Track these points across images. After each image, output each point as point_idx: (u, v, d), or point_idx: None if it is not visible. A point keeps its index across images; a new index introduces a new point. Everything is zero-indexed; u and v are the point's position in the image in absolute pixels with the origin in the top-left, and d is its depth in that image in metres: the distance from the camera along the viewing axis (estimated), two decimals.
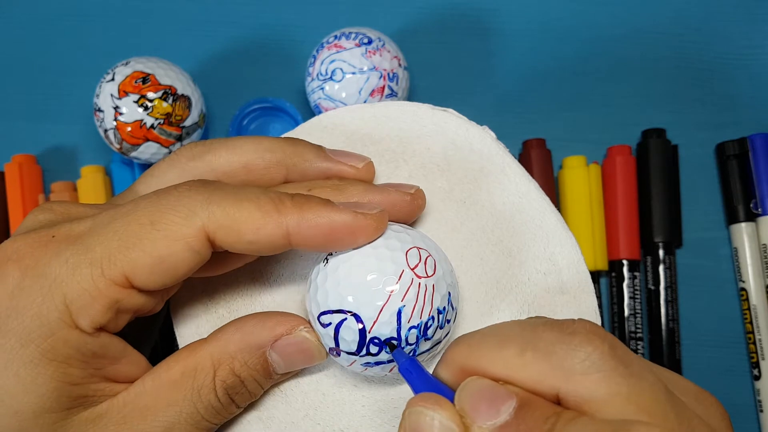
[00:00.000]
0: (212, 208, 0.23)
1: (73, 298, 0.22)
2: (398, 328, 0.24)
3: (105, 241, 0.23)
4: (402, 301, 0.24)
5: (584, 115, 0.43)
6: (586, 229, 0.40)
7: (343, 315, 0.24)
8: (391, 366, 0.25)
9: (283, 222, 0.23)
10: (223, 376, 0.25)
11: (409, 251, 0.24)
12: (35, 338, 0.22)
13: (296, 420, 0.27)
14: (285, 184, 0.27)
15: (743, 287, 0.40)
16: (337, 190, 0.26)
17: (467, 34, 0.44)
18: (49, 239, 0.23)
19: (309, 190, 0.26)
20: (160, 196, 0.24)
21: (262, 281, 0.29)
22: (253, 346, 0.25)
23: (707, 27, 0.44)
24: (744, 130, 0.42)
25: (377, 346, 0.24)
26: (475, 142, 0.30)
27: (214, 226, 0.23)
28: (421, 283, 0.24)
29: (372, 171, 0.28)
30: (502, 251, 0.29)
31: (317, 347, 0.26)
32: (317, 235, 0.24)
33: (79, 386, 0.24)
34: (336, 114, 0.31)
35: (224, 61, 0.44)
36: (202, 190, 0.24)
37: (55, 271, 0.23)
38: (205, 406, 0.25)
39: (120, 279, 0.23)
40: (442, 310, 0.24)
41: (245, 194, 0.24)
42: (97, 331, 0.23)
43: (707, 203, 0.42)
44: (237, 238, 0.23)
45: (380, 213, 0.25)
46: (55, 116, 0.43)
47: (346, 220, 0.24)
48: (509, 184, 0.29)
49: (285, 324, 0.25)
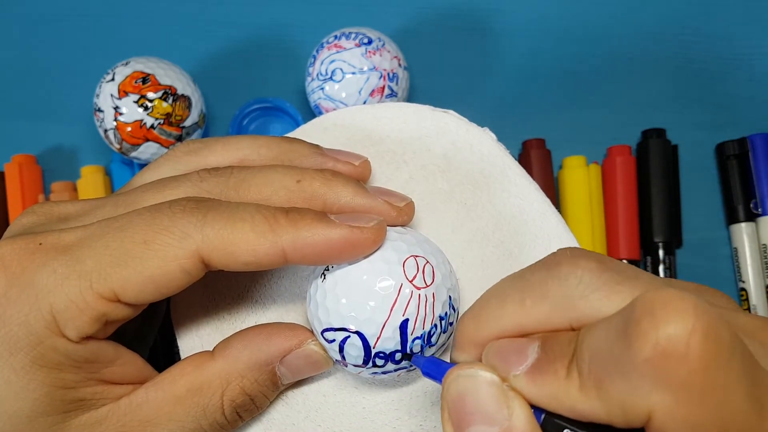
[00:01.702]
0: (206, 231, 0.23)
1: (60, 309, 0.22)
2: (403, 341, 0.24)
3: (96, 256, 0.23)
4: (403, 316, 0.23)
5: (584, 115, 0.43)
6: (586, 230, 0.40)
7: (346, 333, 0.24)
8: (399, 372, 0.25)
9: (279, 241, 0.23)
10: (233, 396, 0.25)
11: (406, 262, 0.24)
12: (23, 346, 0.22)
13: (297, 421, 0.27)
14: (274, 166, 0.26)
15: (743, 287, 0.40)
16: (326, 185, 0.25)
17: (467, 34, 0.44)
18: (36, 247, 0.23)
19: (298, 181, 0.25)
20: (154, 214, 0.23)
21: (263, 283, 0.29)
22: (263, 363, 0.25)
23: (707, 27, 0.44)
24: (744, 130, 0.42)
25: (383, 359, 0.24)
26: (476, 143, 0.30)
27: (208, 249, 0.23)
28: (420, 294, 0.24)
29: (368, 170, 0.28)
30: (503, 253, 0.29)
31: (324, 358, 0.26)
32: (313, 253, 0.23)
33: (73, 390, 0.23)
34: (336, 115, 0.31)
35: (224, 61, 0.44)
36: (196, 211, 0.23)
37: (42, 280, 0.22)
38: (210, 424, 0.25)
39: (108, 294, 0.22)
40: (444, 316, 0.24)
41: (240, 214, 0.23)
42: (84, 339, 0.23)
43: (707, 203, 0.42)
44: (232, 260, 0.23)
45: (377, 225, 0.24)
46: (55, 116, 0.43)
47: (343, 235, 0.23)
48: (510, 186, 0.29)
49: (293, 338, 0.25)
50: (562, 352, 0.18)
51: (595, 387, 0.17)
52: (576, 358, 0.18)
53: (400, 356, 0.24)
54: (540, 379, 0.18)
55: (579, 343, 0.18)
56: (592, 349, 0.17)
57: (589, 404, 0.17)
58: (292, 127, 0.42)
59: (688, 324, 0.15)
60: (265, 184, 0.25)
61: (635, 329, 0.16)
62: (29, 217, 0.26)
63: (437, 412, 0.27)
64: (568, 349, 0.18)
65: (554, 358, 0.18)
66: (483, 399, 0.19)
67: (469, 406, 0.19)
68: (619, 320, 0.17)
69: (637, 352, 0.16)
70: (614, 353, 0.16)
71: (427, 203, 0.29)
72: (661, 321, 0.15)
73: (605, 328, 0.17)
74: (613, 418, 0.17)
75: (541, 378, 0.18)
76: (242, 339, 0.25)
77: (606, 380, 0.17)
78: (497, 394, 0.19)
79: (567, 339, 0.18)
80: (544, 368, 0.18)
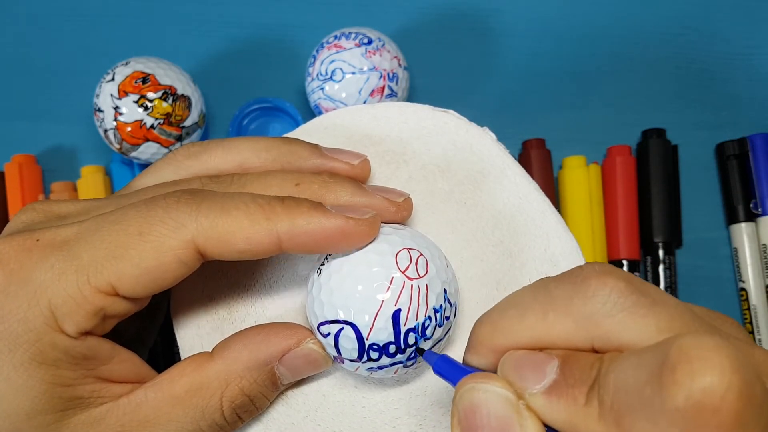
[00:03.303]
0: (200, 220, 0.23)
1: (58, 304, 0.22)
2: (396, 333, 0.24)
3: (91, 249, 0.23)
4: (395, 306, 0.23)
5: (584, 115, 0.43)
6: (585, 230, 0.40)
7: (339, 325, 0.24)
8: (396, 368, 0.25)
9: (274, 229, 0.23)
10: (232, 396, 0.25)
11: (399, 254, 0.24)
12: (23, 343, 0.22)
13: (296, 421, 0.27)
14: (273, 172, 0.27)
15: (743, 287, 0.40)
16: (324, 187, 0.26)
17: (467, 34, 0.44)
18: (34, 243, 0.23)
19: (297, 185, 0.26)
20: (148, 206, 0.23)
21: (263, 282, 0.29)
22: (262, 363, 0.25)
23: (707, 27, 0.44)
24: (744, 130, 0.42)
25: (377, 352, 0.24)
26: (476, 143, 0.30)
27: (203, 238, 0.23)
28: (413, 285, 0.24)
29: (367, 169, 0.28)
30: (503, 252, 0.29)
31: (323, 357, 0.26)
32: (309, 241, 0.24)
33: (72, 387, 0.23)
34: (336, 115, 0.31)
35: (224, 61, 0.44)
36: (191, 201, 0.23)
37: (40, 276, 0.23)
38: (209, 424, 0.25)
39: (106, 287, 0.23)
40: (438, 309, 0.24)
41: (234, 202, 0.23)
42: (83, 335, 0.23)
43: (707, 203, 0.42)
44: (228, 249, 0.23)
45: (372, 218, 0.24)
46: (55, 116, 0.43)
47: (338, 225, 0.24)
48: (509, 186, 0.29)
49: (292, 338, 0.25)
50: (582, 378, 0.18)
51: (615, 422, 0.17)
52: (598, 387, 0.17)
53: (395, 348, 0.24)
54: (557, 402, 0.18)
55: (603, 373, 0.17)
56: (618, 383, 0.17)
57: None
58: (292, 127, 0.42)
59: (725, 379, 0.15)
60: (264, 188, 0.25)
61: (670, 376, 0.15)
62: (29, 214, 0.26)
63: (437, 411, 0.27)
64: (590, 375, 0.18)
65: (574, 382, 0.18)
66: (496, 415, 0.18)
67: (482, 420, 0.18)
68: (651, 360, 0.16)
69: (668, 400, 0.15)
70: (643, 394, 0.16)
71: (426, 203, 0.29)
72: (698, 372, 0.15)
73: (635, 365, 0.17)
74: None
75: (559, 401, 0.18)
76: (241, 339, 0.25)
77: (628, 418, 0.16)
78: (511, 411, 0.18)
79: (589, 363, 0.18)
80: (562, 391, 0.18)
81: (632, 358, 0.17)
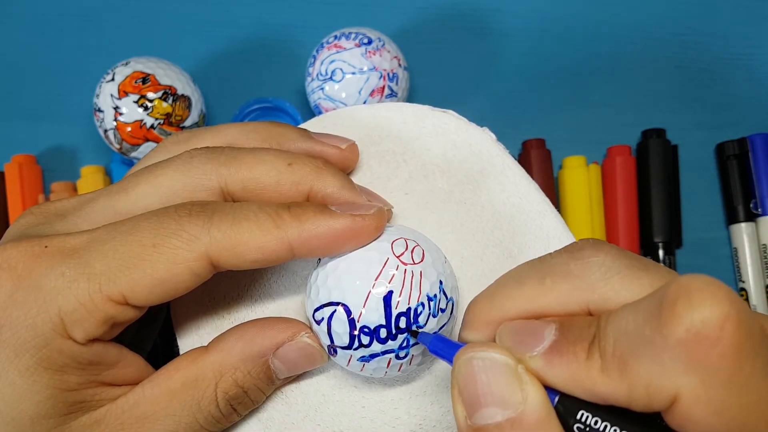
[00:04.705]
0: (213, 232, 0.23)
1: (68, 311, 0.22)
2: (387, 314, 0.24)
3: (104, 259, 0.23)
4: (387, 286, 0.24)
5: (584, 115, 0.43)
6: (585, 230, 0.40)
7: (333, 307, 0.24)
8: (388, 358, 0.25)
9: (285, 236, 0.23)
10: (226, 387, 0.25)
11: (395, 241, 0.25)
12: (29, 348, 0.22)
13: (296, 421, 0.27)
14: (265, 149, 0.27)
15: (743, 287, 0.40)
16: (316, 173, 0.26)
17: (467, 34, 0.44)
18: (42, 250, 0.23)
19: (289, 164, 0.26)
20: (160, 218, 0.23)
21: (263, 282, 0.29)
22: (256, 355, 0.25)
23: (707, 27, 0.44)
24: (744, 130, 0.42)
25: (368, 336, 0.24)
26: (475, 143, 0.30)
27: (216, 250, 0.23)
28: (407, 269, 0.24)
29: (356, 152, 0.28)
30: (503, 252, 0.29)
31: (319, 351, 0.26)
32: (320, 244, 0.24)
33: (76, 392, 0.23)
34: (336, 115, 0.31)
35: (224, 61, 0.44)
36: (202, 213, 0.23)
37: (50, 283, 0.22)
38: (205, 417, 0.25)
39: (117, 297, 0.23)
40: (432, 297, 0.24)
41: (244, 213, 0.24)
42: (90, 341, 0.23)
43: (707, 203, 0.42)
44: (241, 259, 0.23)
45: (377, 212, 0.25)
46: (55, 116, 0.43)
47: (346, 224, 0.24)
48: (509, 186, 0.29)
49: (286, 331, 0.25)
50: (582, 335, 0.18)
51: (619, 369, 0.17)
52: (598, 340, 0.17)
53: (386, 333, 0.24)
54: (558, 361, 0.18)
55: (602, 326, 0.18)
56: (618, 330, 0.17)
57: (611, 386, 0.17)
58: None
59: (723, 309, 0.15)
60: (257, 162, 0.25)
61: (669, 311, 0.16)
62: (28, 218, 0.26)
63: (437, 411, 0.27)
64: (588, 332, 0.18)
65: (574, 340, 0.18)
66: (497, 381, 0.18)
67: (483, 388, 0.18)
68: (650, 303, 0.17)
69: (669, 334, 0.16)
70: (644, 335, 0.16)
71: (426, 202, 0.29)
72: (696, 304, 0.16)
73: (633, 310, 0.17)
74: (634, 401, 0.17)
75: (560, 359, 0.18)
76: (236, 332, 0.26)
77: (632, 362, 0.16)
78: (512, 376, 0.18)
79: (586, 323, 0.18)
80: (563, 349, 0.18)
81: (629, 307, 0.17)
